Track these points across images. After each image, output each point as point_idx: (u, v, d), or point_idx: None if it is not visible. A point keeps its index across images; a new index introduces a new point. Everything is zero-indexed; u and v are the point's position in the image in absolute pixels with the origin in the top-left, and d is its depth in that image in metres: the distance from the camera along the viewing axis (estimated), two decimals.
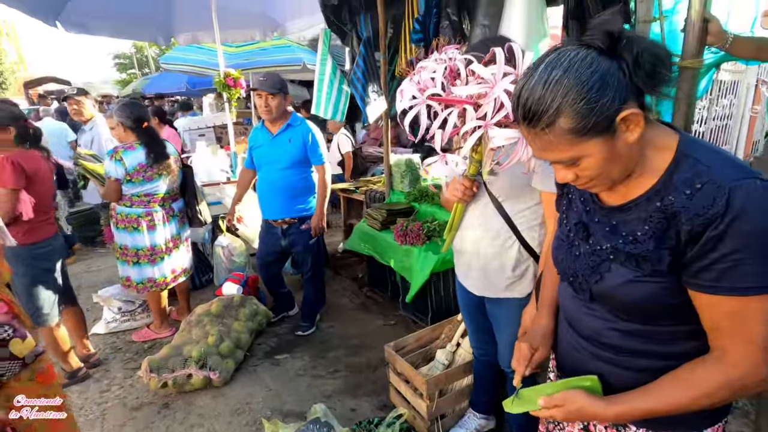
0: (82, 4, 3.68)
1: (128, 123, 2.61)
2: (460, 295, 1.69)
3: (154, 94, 10.55)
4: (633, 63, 0.70)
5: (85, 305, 3.58)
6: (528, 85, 0.73)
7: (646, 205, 0.79)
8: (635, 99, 0.72)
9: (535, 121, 0.73)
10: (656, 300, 0.80)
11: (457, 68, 1.20)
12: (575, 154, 0.74)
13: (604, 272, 0.85)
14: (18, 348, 1.22)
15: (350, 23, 3.44)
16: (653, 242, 0.78)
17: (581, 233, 0.92)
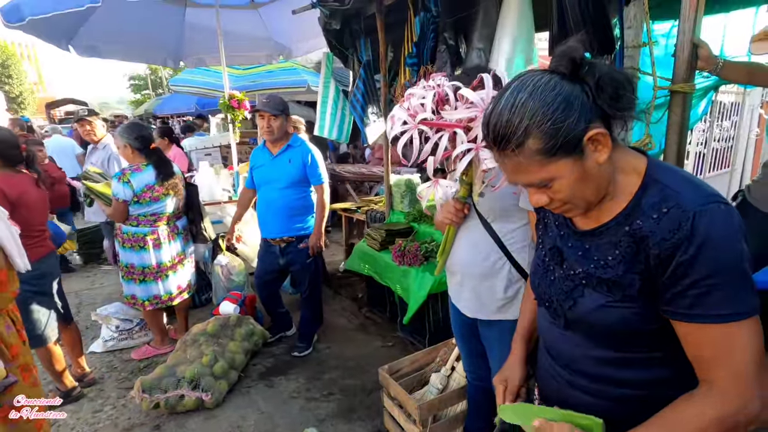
0: (93, 29, 3.82)
1: (135, 144, 2.67)
2: (454, 317, 1.67)
3: (165, 114, 10.80)
4: (595, 86, 0.72)
5: (84, 323, 3.60)
6: (496, 110, 0.75)
7: (616, 229, 0.80)
8: (601, 121, 0.74)
9: (504, 143, 0.74)
10: (629, 325, 0.79)
11: (446, 94, 1.22)
12: (546, 176, 0.75)
13: (578, 297, 0.85)
14: None
15: (351, 47, 3.52)
16: (623, 267, 0.78)
17: (556, 258, 0.92)
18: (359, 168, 5.99)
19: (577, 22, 1.33)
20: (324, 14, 3.02)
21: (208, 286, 3.75)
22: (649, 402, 0.80)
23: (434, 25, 2.69)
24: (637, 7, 1.55)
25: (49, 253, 2.41)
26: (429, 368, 2.25)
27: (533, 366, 1.11)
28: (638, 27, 1.60)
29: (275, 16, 4.51)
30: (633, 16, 1.57)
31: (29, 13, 2.84)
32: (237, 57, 4.96)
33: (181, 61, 4.95)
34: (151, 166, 2.70)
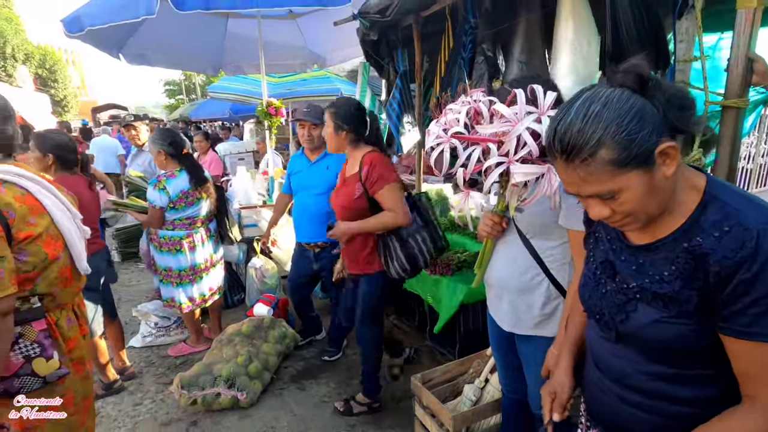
0: (142, 39, 4.02)
1: (169, 150, 2.77)
2: (491, 328, 1.67)
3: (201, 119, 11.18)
4: (665, 102, 0.73)
5: (123, 318, 3.73)
6: (565, 120, 0.75)
7: (673, 245, 0.80)
8: (670, 136, 0.75)
9: (575, 153, 0.74)
10: (684, 342, 0.79)
11: (481, 109, 1.24)
12: (615, 187, 0.75)
13: (631, 311, 0.85)
14: (40, 367, 1.27)
15: (388, 57, 3.57)
16: (680, 282, 0.78)
17: (608, 271, 0.92)
18: None
19: (632, 37, 1.32)
20: (363, 25, 3.09)
21: (241, 287, 3.85)
22: (702, 420, 0.80)
23: (472, 36, 2.71)
24: (690, 20, 1.53)
25: (99, 250, 2.54)
26: (462, 379, 2.23)
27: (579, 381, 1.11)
28: (690, 41, 1.58)
29: (312, 26, 4.63)
30: (685, 30, 1.55)
31: (88, 23, 3.03)
32: (274, 65, 5.11)
33: (220, 69, 5.13)
34: (184, 171, 2.79)
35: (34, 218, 1.23)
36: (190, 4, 2.70)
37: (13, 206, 1.20)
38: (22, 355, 1.23)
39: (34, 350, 1.25)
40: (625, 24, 1.32)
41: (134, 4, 2.77)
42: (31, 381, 1.26)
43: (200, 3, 2.72)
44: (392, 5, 2.69)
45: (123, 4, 2.88)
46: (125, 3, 2.87)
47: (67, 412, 1.36)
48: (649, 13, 1.34)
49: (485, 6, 2.60)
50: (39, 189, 1.28)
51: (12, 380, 1.21)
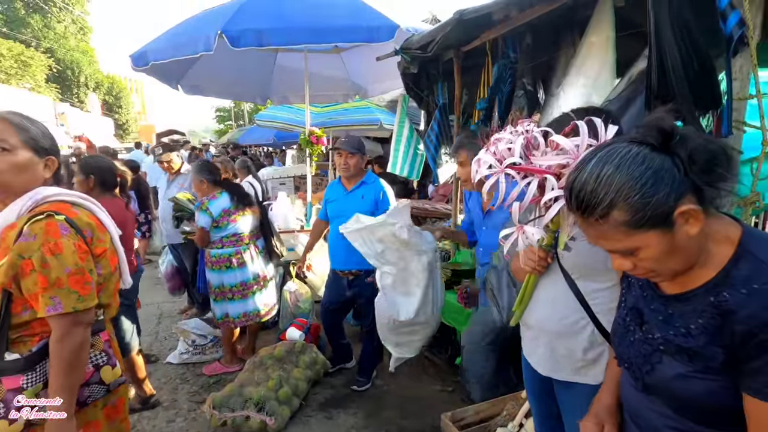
0: (198, 72, 4.34)
1: (210, 178, 3.00)
2: (526, 372, 1.59)
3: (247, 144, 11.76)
4: (687, 159, 0.70)
5: (164, 333, 3.90)
6: (580, 178, 0.75)
7: (702, 297, 0.77)
8: (694, 193, 0.72)
9: (589, 212, 0.74)
10: (714, 399, 0.75)
11: (535, 139, 1.22)
12: (631, 245, 0.74)
13: (656, 363, 0.82)
14: (107, 375, 1.33)
15: (427, 90, 3.65)
16: (705, 338, 0.74)
17: (636, 319, 0.89)
18: (423, 204, 6.04)
19: (679, 77, 1.29)
20: (405, 60, 3.19)
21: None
22: None
23: (512, 70, 2.73)
24: (744, 58, 1.47)
25: (136, 270, 2.71)
26: (494, 422, 2.14)
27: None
28: (745, 78, 1.51)
29: (355, 59, 4.82)
30: (739, 68, 1.49)
31: (153, 58, 3.31)
32: (317, 96, 5.33)
33: (268, 98, 5.42)
34: (225, 192, 2.99)
35: (101, 235, 1.33)
36: (244, 42, 2.91)
37: (91, 225, 1.30)
38: (92, 365, 1.30)
39: (102, 359, 1.32)
40: (672, 63, 1.29)
41: (194, 41, 3.02)
42: (98, 389, 1.32)
43: (254, 40, 2.92)
44: (434, 41, 2.78)
45: (185, 42, 3.14)
46: (187, 40, 3.13)
47: (120, 417, 1.42)
48: (699, 53, 1.31)
49: (526, 41, 2.62)
50: (98, 209, 1.39)
51: (83, 390, 1.26)
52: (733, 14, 1.36)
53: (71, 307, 1.17)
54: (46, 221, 1.18)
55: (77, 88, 27.50)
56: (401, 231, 2.23)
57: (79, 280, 1.20)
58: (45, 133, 1.28)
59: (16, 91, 13.91)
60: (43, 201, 1.23)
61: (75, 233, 1.22)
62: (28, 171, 1.22)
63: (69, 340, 1.18)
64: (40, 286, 1.15)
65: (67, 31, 29.30)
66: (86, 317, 1.24)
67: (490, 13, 2.32)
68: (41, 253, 1.15)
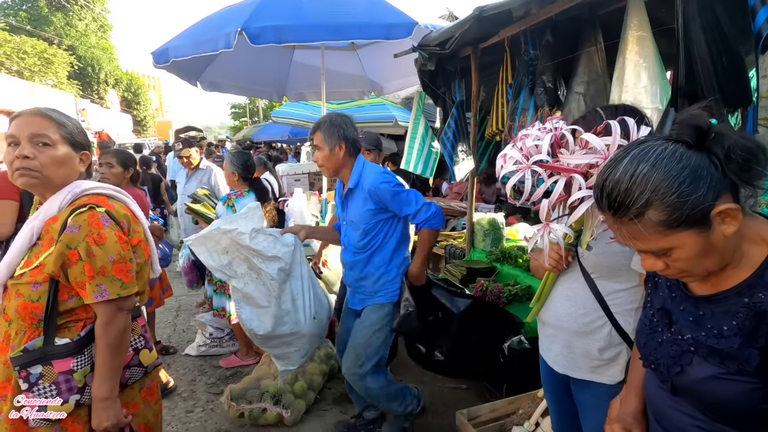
0: (217, 68, 4.39)
1: (243, 173, 3.00)
2: (543, 370, 1.59)
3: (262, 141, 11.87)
4: (725, 157, 0.69)
5: (182, 326, 3.98)
6: (612, 176, 0.73)
7: (735, 299, 0.75)
8: (731, 192, 0.70)
9: (622, 212, 0.72)
10: (747, 401, 0.73)
11: (563, 137, 1.21)
12: (666, 245, 0.73)
13: (686, 365, 0.80)
14: (145, 358, 1.40)
15: (444, 87, 3.63)
16: (739, 339, 0.73)
17: (664, 320, 0.88)
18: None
19: (707, 74, 1.26)
20: (422, 57, 3.18)
21: None
22: None
23: (533, 67, 2.70)
24: None
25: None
26: (509, 420, 2.14)
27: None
28: None
29: (371, 56, 4.82)
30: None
31: (173, 55, 3.36)
32: (334, 93, 5.35)
33: (284, 95, 5.46)
34: (252, 192, 2.99)
35: (136, 226, 1.39)
36: (264, 38, 2.93)
37: (127, 217, 1.36)
38: (132, 348, 1.36)
39: (140, 343, 1.39)
40: (701, 60, 1.26)
41: (215, 39, 3.06)
42: (137, 372, 1.38)
43: (273, 37, 2.95)
44: (452, 38, 2.76)
45: (206, 39, 3.18)
46: (208, 38, 3.17)
47: (154, 399, 1.48)
48: (728, 50, 1.28)
49: (546, 38, 2.59)
50: (130, 201, 1.44)
51: (124, 372, 1.33)
52: (763, 10, 1.33)
53: (116, 294, 1.24)
54: (89, 213, 1.24)
55: (97, 84, 28.07)
56: (241, 237, 1.95)
57: (122, 268, 1.26)
58: (79, 128, 1.34)
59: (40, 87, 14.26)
60: (81, 194, 1.29)
61: (115, 224, 1.28)
62: (67, 165, 1.28)
63: (114, 325, 1.25)
64: (87, 275, 1.21)
65: (88, 28, 29.93)
66: (128, 303, 1.30)
67: (510, 9, 2.31)
68: (87, 243, 1.21)
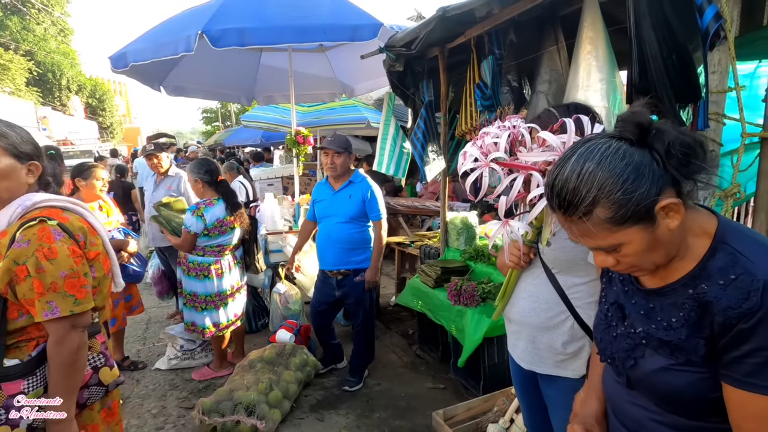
0: (181, 72, 4.28)
1: (206, 178, 2.88)
2: (512, 367, 1.60)
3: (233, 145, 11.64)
4: (665, 153, 0.70)
5: (152, 339, 3.84)
6: (561, 176, 0.74)
7: (682, 290, 0.77)
8: (673, 187, 0.72)
9: (571, 210, 0.73)
10: (696, 391, 0.75)
11: (521, 135, 1.22)
12: (614, 242, 0.74)
13: (638, 357, 0.82)
14: (105, 376, 1.34)
15: (413, 87, 3.64)
16: (686, 330, 0.75)
17: (618, 314, 0.90)
18: (412, 201, 6.04)
19: (659, 71, 1.29)
20: (390, 58, 3.17)
21: (265, 312, 3.88)
22: None
23: (498, 66, 2.73)
24: (722, 51, 1.49)
25: None
26: (485, 418, 2.14)
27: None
28: (723, 72, 1.53)
29: (341, 58, 4.79)
30: (717, 61, 1.50)
31: (132, 59, 3.25)
32: (303, 95, 5.30)
33: (253, 99, 5.36)
34: (221, 199, 2.90)
35: (94, 239, 1.33)
36: (225, 41, 2.86)
37: (83, 229, 1.29)
38: (91, 366, 1.30)
39: (100, 361, 1.33)
40: (652, 58, 1.29)
41: (175, 42, 2.97)
42: (97, 391, 1.32)
43: (235, 40, 2.88)
44: (418, 39, 2.76)
45: (165, 42, 3.08)
46: (167, 41, 3.08)
47: (115, 420, 1.42)
48: (678, 47, 1.32)
49: (510, 38, 2.62)
50: (87, 213, 1.37)
51: (83, 392, 1.27)
52: (709, 8, 1.37)
53: (68, 311, 1.18)
54: (39, 226, 1.18)
55: (59, 91, 26.95)
56: None
57: (75, 283, 1.20)
58: (25, 138, 1.26)
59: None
60: (33, 207, 1.22)
61: (68, 237, 1.22)
62: (10, 178, 1.21)
63: (67, 344, 1.19)
64: (36, 291, 1.15)
65: (47, 33, 28.68)
66: (83, 320, 1.24)
67: (473, 9, 2.32)
68: (36, 258, 1.15)
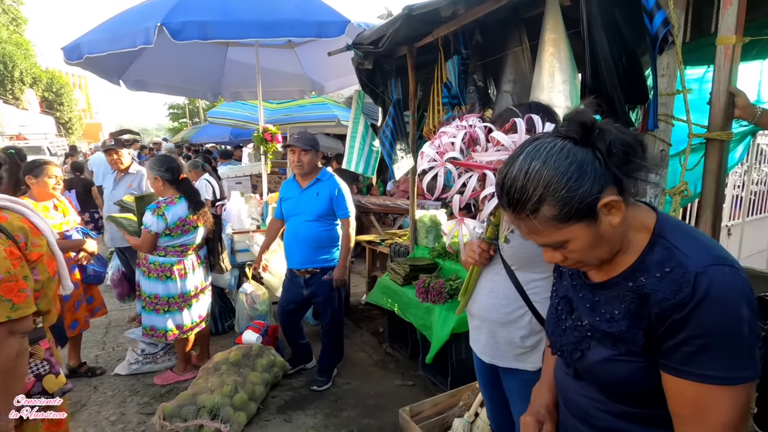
0: (142, 66, 4.11)
1: (166, 176, 2.76)
2: (475, 362, 1.63)
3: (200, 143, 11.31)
4: (606, 152, 0.73)
5: (111, 344, 3.69)
6: (510, 174, 0.76)
7: (624, 283, 0.80)
8: (614, 184, 0.74)
9: (520, 208, 0.75)
10: (637, 380, 0.79)
11: (477, 135, 1.24)
12: (560, 239, 0.77)
13: (585, 349, 0.85)
14: (50, 384, 1.29)
15: (382, 86, 3.64)
16: (627, 322, 0.78)
17: (566, 307, 0.93)
18: (383, 200, 6.05)
19: (610, 73, 1.34)
20: (358, 56, 3.16)
21: (232, 313, 3.79)
22: None
23: (464, 66, 2.77)
24: (671, 56, 1.56)
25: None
26: (451, 412, 2.17)
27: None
28: (672, 75, 1.60)
29: (310, 54, 4.73)
30: (666, 65, 1.57)
31: (87, 51, 3.09)
32: (272, 92, 5.20)
33: (219, 95, 5.22)
34: (183, 198, 2.79)
35: (36, 239, 1.27)
36: (187, 35, 2.76)
37: (24, 229, 1.23)
38: (33, 374, 1.25)
39: (43, 368, 1.28)
40: (604, 60, 1.35)
41: (133, 34, 2.84)
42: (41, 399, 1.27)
43: (197, 33, 2.78)
44: (384, 37, 2.76)
45: (123, 34, 2.95)
46: (125, 32, 2.95)
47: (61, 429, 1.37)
48: (627, 51, 1.37)
49: (476, 38, 2.66)
50: (30, 213, 1.30)
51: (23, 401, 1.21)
52: (659, 14, 1.43)
53: (5, 317, 1.12)
54: None
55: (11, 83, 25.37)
56: None
57: (12, 287, 1.14)
58: None
59: None
60: None
61: (6, 238, 1.17)
62: None
63: (4, 351, 1.13)
64: None
65: None
66: (22, 326, 1.18)
67: (438, 9, 2.34)
68: None
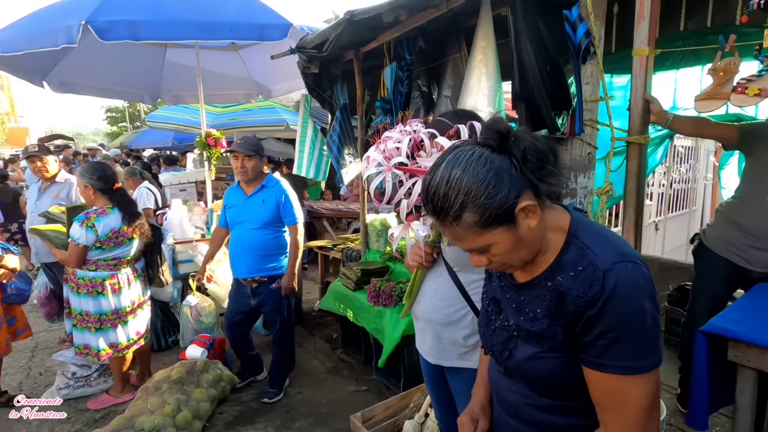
0: (70, 66, 3.81)
1: (98, 185, 2.56)
2: (422, 363, 1.65)
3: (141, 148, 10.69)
4: (521, 158, 0.76)
5: (38, 369, 3.38)
6: (433, 182, 0.78)
7: (544, 283, 0.84)
8: (530, 189, 0.78)
9: (443, 216, 0.77)
10: (560, 375, 0.83)
11: (421, 140, 1.26)
12: (483, 243, 0.79)
13: (512, 348, 0.89)
14: None
15: (329, 90, 3.62)
16: (547, 320, 0.82)
17: (495, 308, 0.96)
18: (336, 204, 6.02)
19: (536, 81, 1.42)
20: (302, 59, 3.12)
21: (176, 328, 3.59)
22: None
23: (409, 72, 2.81)
24: (593, 65, 1.67)
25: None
26: (403, 414, 2.18)
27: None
28: (595, 83, 1.72)
29: (255, 57, 4.61)
30: (590, 73, 1.68)
31: (1, 50, 2.82)
32: (216, 95, 5.03)
33: (159, 98, 4.96)
34: (116, 208, 2.60)
35: None
36: (115, 34, 2.58)
37: None
38: None
39: None
40: (530, 69, 1.42)
41: (54, 32, 2.62)
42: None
43: (126, 33, 2.61)
44: (328, 41, 2.75)
45: (42, 32, 2.71)
46: (45, 31, 2.71)
47: None
48: (551, 60, 1.46)
49: (419, 44, 2.72)
50: None
51: None
52: (581, 25, 1.53)
53: None
54: None
55: None
56: None
57: None
58: None
59: None
60: None
61: None
62: None
63: None
64: None
65: None
66: None
67: (380, 15, 2.36)
68: None
